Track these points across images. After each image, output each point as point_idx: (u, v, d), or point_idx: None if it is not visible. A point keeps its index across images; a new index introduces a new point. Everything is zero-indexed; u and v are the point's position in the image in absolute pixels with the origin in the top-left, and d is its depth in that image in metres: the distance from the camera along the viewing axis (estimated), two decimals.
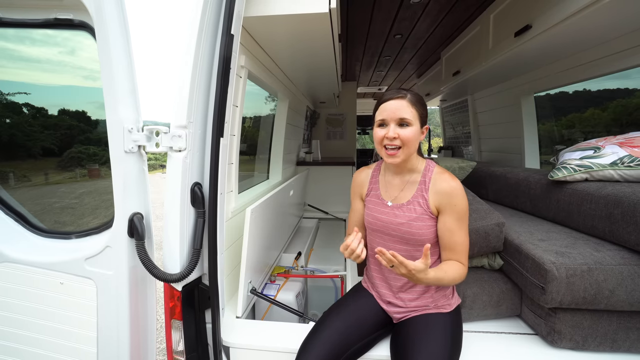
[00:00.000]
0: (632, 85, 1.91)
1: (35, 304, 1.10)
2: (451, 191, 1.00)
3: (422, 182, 1.05)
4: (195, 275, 1.06)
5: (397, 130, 0.98)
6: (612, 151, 1.29)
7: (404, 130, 0.98)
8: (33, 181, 1.38)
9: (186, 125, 0.97)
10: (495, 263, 1.33)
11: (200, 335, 1.10)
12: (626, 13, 1.29)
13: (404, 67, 4.06)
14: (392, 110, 0.98)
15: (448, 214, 1.00)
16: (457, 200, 0.99)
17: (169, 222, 1.00)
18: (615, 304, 1.02)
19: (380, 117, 1.01)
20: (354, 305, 1.12)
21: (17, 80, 1.26)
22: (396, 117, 0.98)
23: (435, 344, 0.93)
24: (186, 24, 0.96)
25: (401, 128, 0.98)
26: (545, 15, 1.48)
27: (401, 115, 0.97)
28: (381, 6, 2.26)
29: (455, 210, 0.99)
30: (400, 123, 0.98)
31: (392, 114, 0.98)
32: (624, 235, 1.09)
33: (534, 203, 1.63)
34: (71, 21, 1.00)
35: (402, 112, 0.97)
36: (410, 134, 0.98)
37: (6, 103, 1.26)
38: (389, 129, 0.99)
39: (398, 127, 0.99)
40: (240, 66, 1.40)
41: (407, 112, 0.97)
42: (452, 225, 1.00)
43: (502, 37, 1.94)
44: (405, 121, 0.98)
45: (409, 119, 0.97)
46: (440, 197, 1.01)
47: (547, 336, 1.11)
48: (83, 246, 1.09)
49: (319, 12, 1.22)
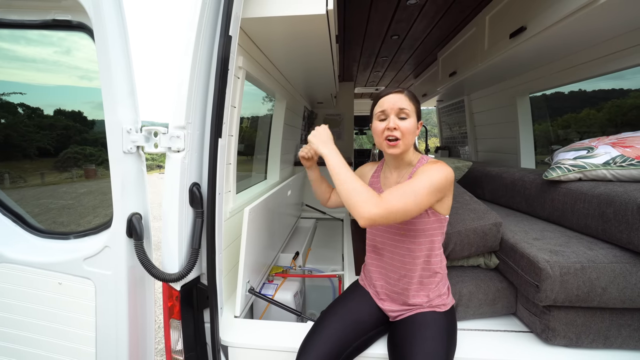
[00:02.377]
0: (627, 86, 1.93)
1: (34, 305, 1.10)
2: (432, 164, 0.98)
3: (413, 172, 1.08)
4: (194, 275, 1.07)
5: (397, 122, 1.03)
6: (605, 151, 1.31)
7: (403, 122, 1.03)
8: (29, 182, 1.37)
9: (184, 126, 0.97)
10: (491, 262, 1.35)
11: (199, 335, 1.10)
12: (619, 15, 1.31)
13: (401, 68, 4.07)
14: (393, 102, 1.04)
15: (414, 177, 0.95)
16: (431, 170, 0.94)
17: (168, 222, 1.01)
18: (608, 301, 1.04)
19: (381, 108, 1.06)
20: (351, 304, 1.14)
21: (12, 80, 1.25)
22: (396, 108, 1.03)
23: (431, 343, 0.94)
24: (184, 25, 0.97)
25: (400, 120, 1.03)
26: (540, 17, 1.50)
27: (401, 106, 1.03)
28: (378, 7, 2.27)
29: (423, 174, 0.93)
30: (399, 115, 1.03)
31: (392, 105, 1.04)
32: (616, 233, 1.11)
33: (529, 202, 1.65)
34: (69, 22, 1.01)
35: (402, 103, 1.03)
36: (409, 126, 1.03)
37: (1, 103, 1.25)
38: (390, 120, 1.03)
39: (397, 119, 1.03)
40: (238, 67, 1.40)
41: (406, 104, 1.03)
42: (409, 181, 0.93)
43: (498, 38, 1.95)
44: (404, 112, 1.03)
45: (407, 109, 1.03)
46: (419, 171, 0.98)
47: (541, 333, 1.13)
48: (81, 246, 1.10)
49: (316, 14, 1.23)
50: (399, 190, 0.89)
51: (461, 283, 1.26)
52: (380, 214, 0.84)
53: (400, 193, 0.88)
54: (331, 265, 2.10)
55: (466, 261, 1.38)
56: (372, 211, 0.84)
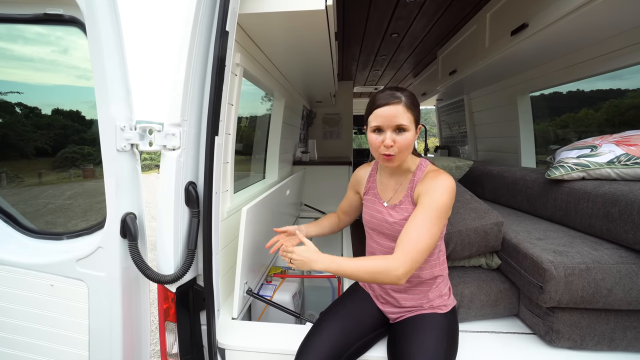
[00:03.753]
0: (625, 86, 1.92)
1: (25, 307, 1.08)
2: (436, 181, 0.95)
3: (411, 181, 1.04)
4: (190, 277, 1.04)
5: (394, 137, 0.94)
6: (609, 150, 1.29)
7: (401, 137, 0.94)
8: (27, 182, 1.36)
9: (180, 123, 0.95)
10: (492, 262, 1.33)
11: (195, 337, 1.08)
12: (622, 11, 1.29)
13: (400, 67, 4.05)
14: (389, 118, 0.93)
15: (420, 201, 0.94)
16: (436, 191, 0.92)
17: (163, 222, 0.98)
18: (613, 302, 1.02)
19: (376, 123, 0.96)
20: (351, 306, 1.11)
21: (9, 80, 1.24)
22: (392, 125, 0.93)
23: (432, 344, 0.92)
24: (180, 20, 0.94)
25: (398, 134, 0.94)
26: (542, 13, 1.48)
27: (398, 122, 0.93)
28: (377, 5, 2.25)
29: (428, 198, 0.92)
30: (396, 129, 0.95)
31: (388, 121, 0.93)
32: (622, 233, 1.09)
33: (531, 202, 1.63)
34: (61, 16, 0.98)
35: (399, 118, 0.92)
36: (407, 141, 0.94)
37: None
38: (386, 136, 0.94)
39: (394, 133, 0.95)
40: (235, 64, 1.38)
41: (404, 118, 0.93)
42: (416, 213, 0.92)
43: (499, 36, 1.93)
44: (402, 127, 0.93)
45: (405, 124, 0.93)
46: (421, 187, 0.98)
47: (545, 335, 1.10)
48: (74, 247, 1.07)
49: (315, 9, 1.20)
50: (412, 239, 0.88)
51: (463, 284, 1.24)
52: (407, 271, 0.86)
53: (414, 241, 0.88)
54: None
55: (467, 261, 1.36)
56: (399, 273, 0.85)
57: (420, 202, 0.94)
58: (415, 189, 1.01)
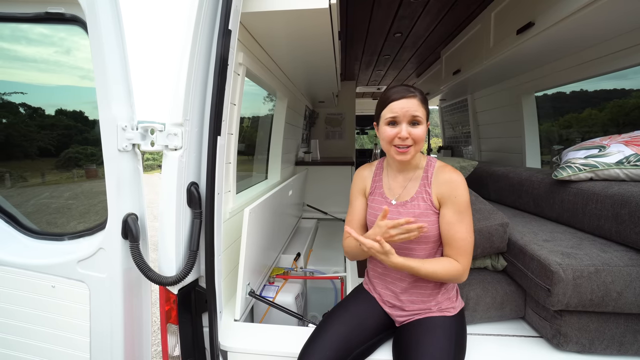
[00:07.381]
0: (629, 86, 1.90)
1: (26, 308, 1.07)
2: (453, 182, 1.00)
3: (424, 177, 1.04)
4: (192, 278, 1.03)
5: (409, 129, 0.97)
6: (618, 150, 1.27)
7: (416, 129, 0.97)
8: (30, 182, 1.36)
9: (182, 123, 0.94)
10: (498, 264, 1.31)
11: (197, 340, 1.06)
12: (631, 9, 1.27)
13: (404, 66, 4.03)
14: (405, 109, 0.96)
15: (448, 206, 0.99)
16: (458, 192, 0.98)
17: (165, 223, 0.97)
18: (624, 306, 1.00)
19: (391, 114, 0.99)
20: (355, 308, 1.09)
21: (13, 80, 1.24)
22: (409, 116, 0.97)
23: (439, 348, 0.90)
24: (182, 18, 0.93)
25: (413, 127, 0.98)
26: (549, 11, 1.46)
27: (414, 113, 0.96)
28: (381, 4, 2.23)
29: (456, 202, 0.98)
30: (411, 121, 0.97)
31: (404, 113, 0.97)
32: (632, 235, 1.07)
33: (537, 203, 1.61)
34: (62, 15, 0.97)
35: (415, 110, 0.96)
36: (422, 133, 0.98)
37: (2, 103, 1.24)
38: (401, 128, 0.97)
39: (410, 125, 0.97)
40: (238, 63, 1.36)
41: (419, 110, 0.97)
42: (451, 218, 0.98)
43: (504, 35, 1.91)
44: (417, 119, 0.97)
45: (420, 117, 0.97)
46: (442, 188, 1.00)
47: (552, 339, 1.08)
48: (75, 248, 1.06)
49: (318, 8, 1.19)
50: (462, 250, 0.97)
51: (468, 286, 1.22)
52: (468, 270, 0.99)
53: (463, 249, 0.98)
54: (333, 267, 2.06)
55: (473, 263, 1.33)
56: (465, 276, 0.99)
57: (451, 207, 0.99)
58: (432, 188, 1.02)
